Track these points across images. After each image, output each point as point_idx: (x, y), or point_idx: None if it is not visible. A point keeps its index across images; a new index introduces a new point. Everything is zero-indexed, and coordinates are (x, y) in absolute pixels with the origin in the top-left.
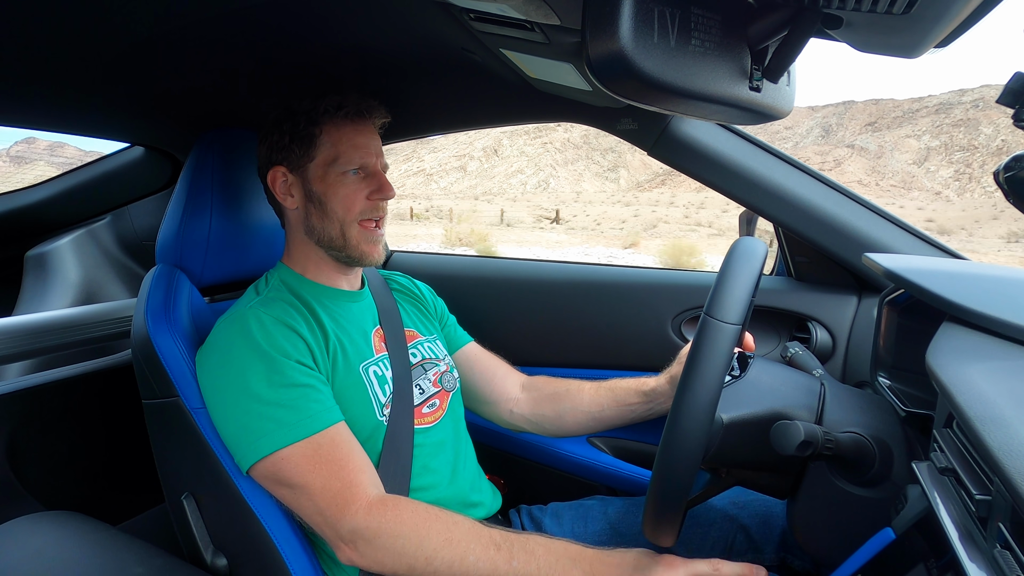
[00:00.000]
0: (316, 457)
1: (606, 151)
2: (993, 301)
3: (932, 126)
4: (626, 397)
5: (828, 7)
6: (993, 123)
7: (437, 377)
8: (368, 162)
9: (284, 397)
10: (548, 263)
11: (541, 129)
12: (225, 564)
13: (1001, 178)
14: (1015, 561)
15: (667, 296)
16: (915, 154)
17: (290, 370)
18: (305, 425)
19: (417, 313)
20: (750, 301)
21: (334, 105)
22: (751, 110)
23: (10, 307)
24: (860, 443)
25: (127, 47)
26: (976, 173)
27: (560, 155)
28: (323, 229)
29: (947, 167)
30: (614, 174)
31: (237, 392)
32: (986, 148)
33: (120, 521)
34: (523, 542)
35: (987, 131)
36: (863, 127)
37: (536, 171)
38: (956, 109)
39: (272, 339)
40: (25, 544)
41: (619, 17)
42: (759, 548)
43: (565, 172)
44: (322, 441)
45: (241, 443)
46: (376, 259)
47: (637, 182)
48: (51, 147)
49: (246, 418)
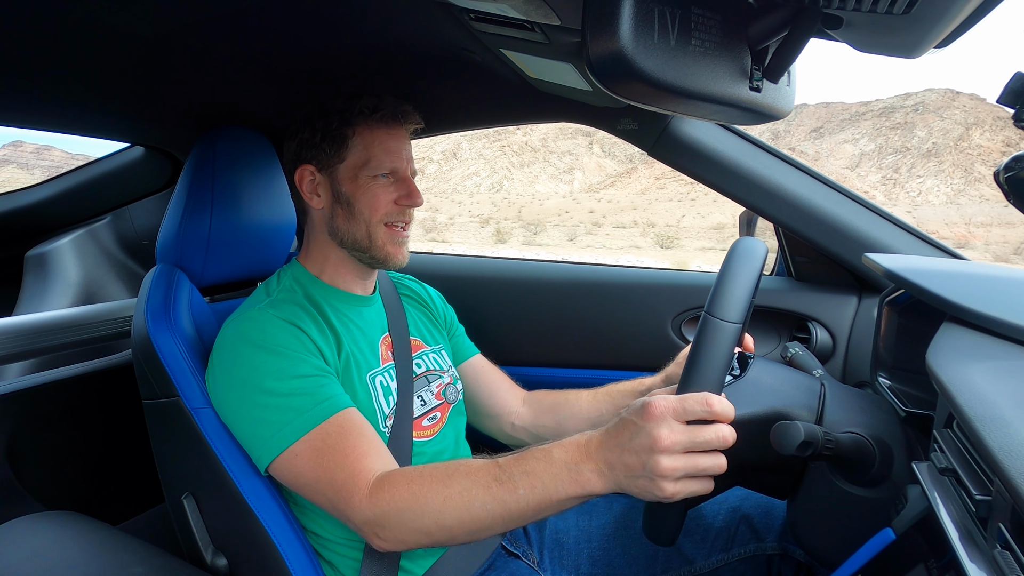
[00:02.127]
0: (324, 448)
1: (563, 154)
2: (993, 301)
3: (872, 129)
4: (623, 400)
5: (828, 7)
6: (928, 126)
7: (440, 389)
8: (399, 167)
9: (294, 388)
10: (548, 263)
11: (501, 132)
12: (225, 564)
13: (1001, 178)
14: (1015, 561)
15: (667, 296)
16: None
17: (299, 364)
18: (314, 415)
19: (425, 321)
20: (750, 300)
21: (369, 107)
22: (751, 110)
23: (10, 307)
24: (860, 443)
25: (128, 47)
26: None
27: (517, 158)
28: (348, 230)
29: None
30: (569, 176)
31: (248, 391)
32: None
33: (120, 521)
34: (522, 465)
35: (921, 134)
36: (808, 132)
37: (491, 173)
38: (898, 113)
39: (280, 337)
40: (25, 544)
41: (619, 17)
42: (761, 537)
43: (520, 174)
44: (330, 430)
45: (256, 443)
46: (400, 261)
47: (590, 184)
48: (38, 150)
49: (259, 415)
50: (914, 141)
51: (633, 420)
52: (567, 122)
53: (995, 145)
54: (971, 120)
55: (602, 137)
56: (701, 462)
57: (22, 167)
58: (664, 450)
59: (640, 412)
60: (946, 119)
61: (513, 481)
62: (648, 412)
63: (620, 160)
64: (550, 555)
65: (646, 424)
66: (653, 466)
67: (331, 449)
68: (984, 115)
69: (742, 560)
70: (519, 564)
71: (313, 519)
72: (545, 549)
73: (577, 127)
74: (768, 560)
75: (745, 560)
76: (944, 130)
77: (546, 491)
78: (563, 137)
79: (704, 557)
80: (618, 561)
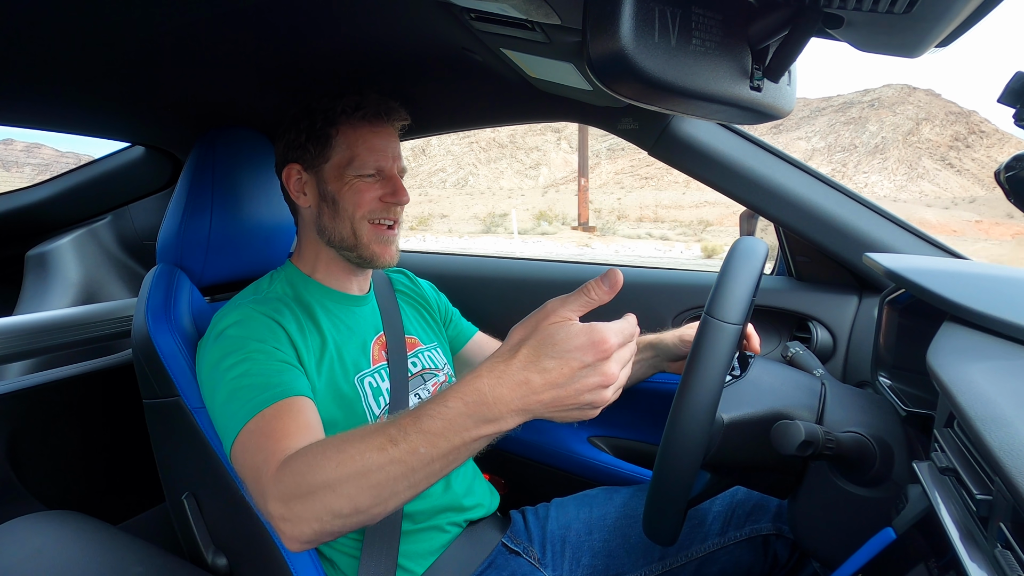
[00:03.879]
0: (256, 431)
1: (531, 150)
2: (994, 301)
3: (827, 126)
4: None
5: (829, 6)
6: (880, 121)
7: (437, 388)
8: (384, 166)
9: (253, 377)
10: (548, 263)
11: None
12: (225, 564)
13: (1002, 178)
14: (1016, 561)
15: (667, 296)
16: (800, 156)
17: (265, 352)
18: (260, 400)
19: (419, 318)
20: (751, 301)
21: (352, 105)
22: (752, 110)
23: (11, 307)
24: (861, 443)
25: (128, 47)
26: (850, 172)
27: (484, 154)
28: (334, 229)
29: (826, 166)
30: (535, 172)
31: (217, 380)
32: (865, 147)
33: (120, 521)
34: (417, 424)
35: (872, 129)
36: (769, 129)
37: (457, 169)
38: (854, 108)
39: (255, 330)
40: (25, 544)
41: (620, 17)
42: (756, 519)
43: (486, 170)
44: (267, 414)
45: (221, 434)
46: (389, 260)
47: (554, 179)
48: (28, 148)
49: (221, 406)
50: (864, 137)
51: (541, 332)
52: (567, 121)
53: (943, 139)
54: (922, 115)
55: (571, 133)
56: (623, 375)
57: (11, 165)
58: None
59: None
60: (899, 114)
61: (409, 441)
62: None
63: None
64: (551, 550)
65: (582, 333)
66: (603, 373)
67: (260, 432)
68: (937, 110)
69: (738, 543)
70: (520, 561)
71: None
72: (547, 544)
73: (545, 123)
74: (764, 540)
75: (741, 543)
76: (895, 125)
77: (450, 443)
78: (532, 134)
79: (700, 542)
80: (618, 551)
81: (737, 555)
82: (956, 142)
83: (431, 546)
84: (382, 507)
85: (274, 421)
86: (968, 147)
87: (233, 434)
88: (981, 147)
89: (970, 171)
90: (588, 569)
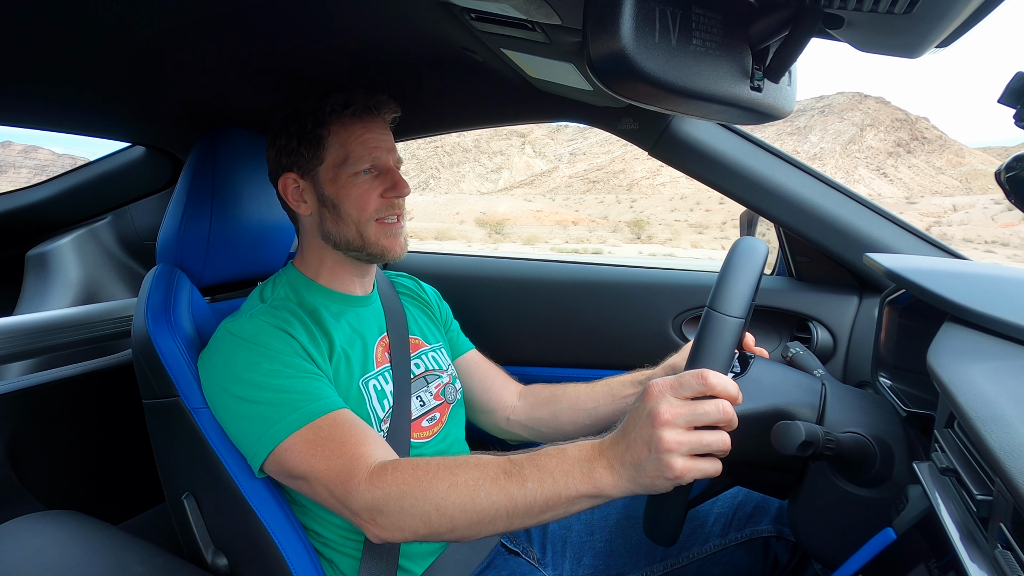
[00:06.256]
0: (317, 440)
1: (494, 154)
2: (994, 301)
3: (774, 134)
4: (621, 389)
5: (829, 7)
6: (823, 129)
7: (440, 389)
8: (380, 159)
9: (288, 386)
10: (548, 263)
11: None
12: (226, 564)
13: (1003, 178)
14: (1016, 561)
15: (668, 296)
16: None
17: (291, 365)
18: (308, 411)
19: (424, 319)
20: (752, 297)
21: (340, 104)
22: (752, 110)
23: (11, 307)
24: (861, 443)
25: (128, 47)
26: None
27: (448, 158)
28: (339, 233)
29: None
30: (496, 175)
31: (242, 388)
32: (804, 155)
33: (120, 521)
34: (533, 461)
35: (814, 139)
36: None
37: (419, 172)
38: (805, 116)
39: (271, 342)
40: (25, 544)
41: (620, 17)
42: (757, 521)
43: (448, 174)
44: (323, 424)
45: (249, 440)
46: (398, 253)
47: (514, 182)
48: (25, 150)
49: (253, 411)
50: (805, 146)
51: (636, 408)
52: (567, 121)
53: (885, 146)
54: (868, 122)
55: (536, 138)
56: (705, 438)
57: (9, 167)
58: (664, 424)
59: (640, 396)
60: (845, 120)
61: (523, 474)
62: (647, 393)
63: (549, 160)
64: (552, 550)
65: (646, 404)
66: (657, 443)
67: (326, 440)
68: (884, 117)
69: (739, 545)
70: (519, 561)
71: (314, 518)
72: (547, 544)
73: (512, 128)
74: (764, 543)
75: (742, 545)
76: (838, 132)
77: (556, 487)
78: (497, 138)
79: (701, 543)
80: (619, 551)
81: (738, 557)
82: (897, 148)
83: (431, 546)
84: (474, 533)
85: (334, 430)
86: (909, 152)
87: (276, 440)
88: (922, 152)
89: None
90: (589, 569)
